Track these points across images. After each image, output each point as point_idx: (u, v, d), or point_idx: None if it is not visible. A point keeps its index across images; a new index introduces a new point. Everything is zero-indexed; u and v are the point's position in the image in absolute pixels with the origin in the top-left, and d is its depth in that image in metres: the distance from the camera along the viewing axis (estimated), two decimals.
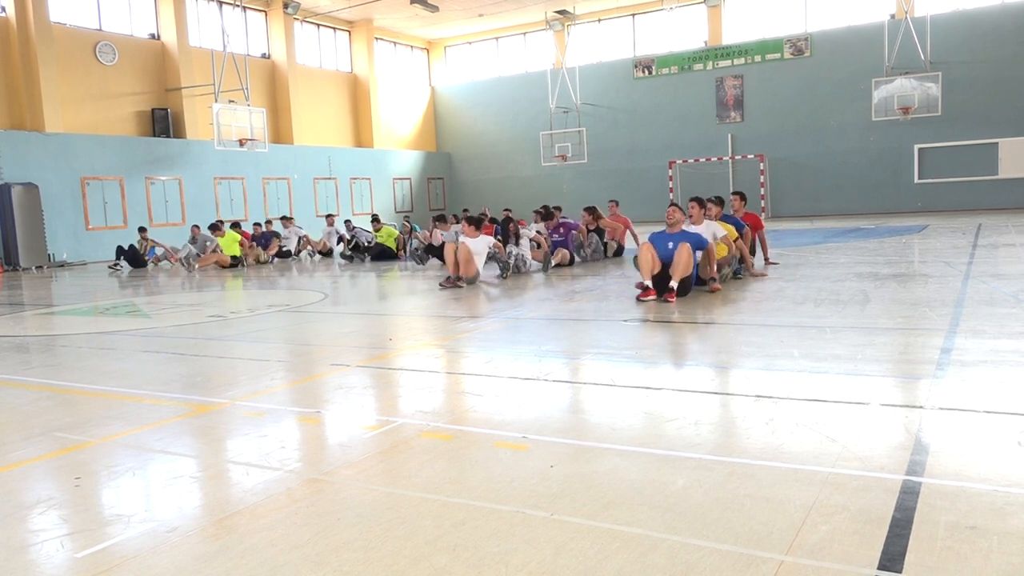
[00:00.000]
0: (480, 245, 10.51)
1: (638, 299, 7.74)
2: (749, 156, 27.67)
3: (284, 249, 17.85)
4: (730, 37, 28.12)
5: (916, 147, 25.17)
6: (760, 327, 6.10)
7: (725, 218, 9.56)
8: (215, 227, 16.85)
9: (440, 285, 10.04)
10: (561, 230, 12.63)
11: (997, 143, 24.17)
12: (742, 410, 3.79)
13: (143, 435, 3.85)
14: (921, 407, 3.67)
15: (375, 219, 17.00)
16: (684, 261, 7.64)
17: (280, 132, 26.60)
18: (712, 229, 8.67)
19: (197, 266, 15.99)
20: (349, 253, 16.36)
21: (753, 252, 10.10)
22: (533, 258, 11.80)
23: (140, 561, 2.43)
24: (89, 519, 2.81)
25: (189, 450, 3.63)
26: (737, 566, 2.20)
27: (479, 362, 5.35)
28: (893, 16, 25.15)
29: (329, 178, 27.81)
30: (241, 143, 22.09)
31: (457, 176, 33.68)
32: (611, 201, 15.28)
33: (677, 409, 3.86)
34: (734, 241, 8.99)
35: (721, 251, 8.61)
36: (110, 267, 17.57)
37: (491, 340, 6.24)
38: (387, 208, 30.06)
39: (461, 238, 10.59)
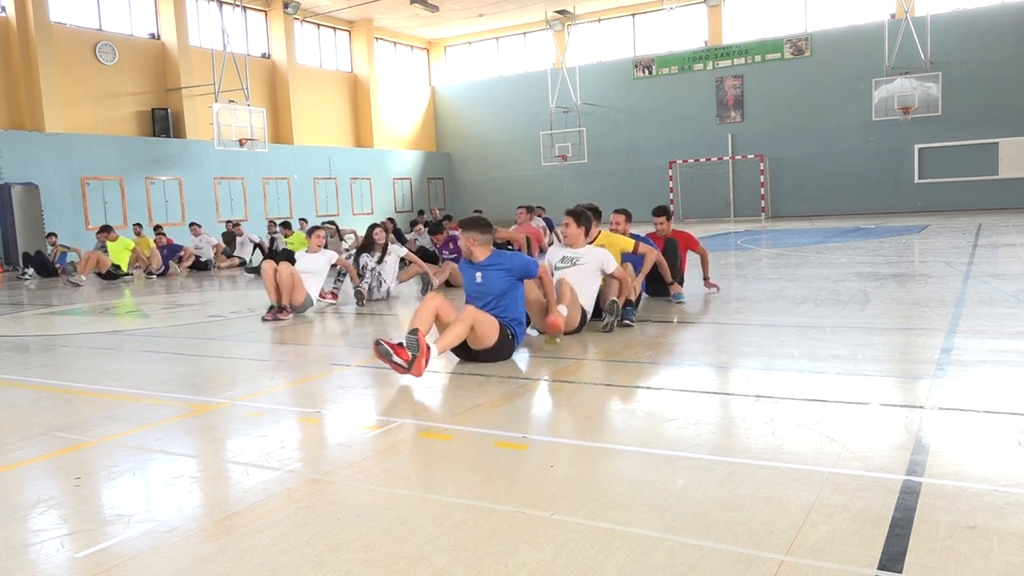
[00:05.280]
0: (318, 262, 8.48)
1: (378, 348, 4.64)
2: (749, 156, 27.66)
3: (202, 260, 15.75)
4: (730, 37, 28.11)
5: (916, 147, 25.17)
6: (760, 327, 6.10)
7: (634, 236, 7.31)
8: (106, 230, 14.89)
9: (262, 319, 7.83)
10: (451, 246, 10.61)
11: (997, 143, 24.17)
12: (742, 410, 3.79)
13: (143, 435, 3.85)
14: (921, 407, 3.67)
15: (285, 225, 15.23)
16: (486, 323, 5.06)
17: (280, 132, 26.59)
18: (599, 258, 6.26)
19: (83, 276, 13.92)
20: (250, 263, 14.35)
21: (681, 280, 7.77)
22: (400, 280, 9.67)
23: (140, 561, 2.43)
24: (89, 519, 2.81)
25: (189, 450, 3.63)
26: (737, 566, 2.20)
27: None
28: (893, 16, 25.15)
29: (329, 178, 27.80)
30: (241, 143, 22.08)
31: (457, 176, 33.67)
32: (520, 208, 12.85)
33: (677, 409, 3.86)
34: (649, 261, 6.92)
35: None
36: (19, 277, 15.54)
37: None
38: (387, 208, 30.05)
39: (298, 254, 8.77)
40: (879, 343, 5.27)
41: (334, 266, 8.86)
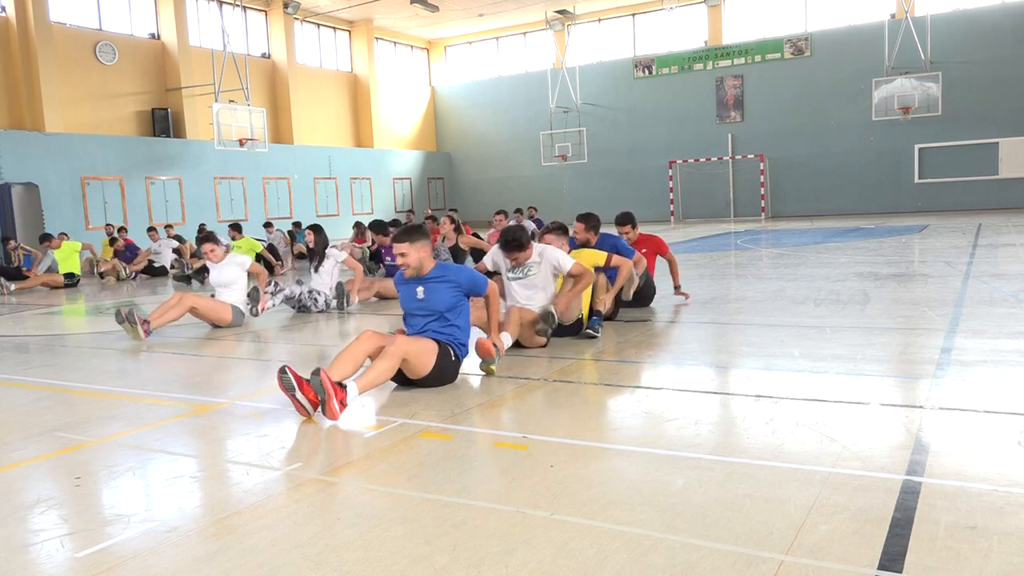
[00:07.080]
0: (229, 272, 7.58)
1: (281, 378, 4.00)
2: (749, 156, 27.66)
3: (157, 265, 14.91)
4: (730, 37, 28.11)
5: (916, 147, 25.16)
6: (760, 327, 6.10)
7: (604, 238, 6.89)
8: (46, 238, 13.78)
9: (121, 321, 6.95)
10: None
11: (997, 143, 24.16)
12: (742, 410, 3.79)
13: (143, 435, 3.85)
14: (921, 407, 3.67)
15: (235, 227, 14.22)
16: (411, 351, 4.36)
17: (280, 132, 26.59)
18: (550, 262, 5.80)
19: (13, 287, 12.80)
20: (185, 272, 13.43)
21: (653, 292, 7.27)
22: (360, 299, 8.85)
23: (140, 561, 2.43)
24: (89, 519, 2.81)
25: (189, 450, 3.63)
26: (737, 566, 2.20)
27: (478, 361, 5.34)
28: (893, 16, 25.15)
29: (329, 178, 27.80)
30: (241, 143, 22.08)
31: (457, 176, 33.67)
32: (498, 213, 12.32)
33: (677, 409, 3.86)
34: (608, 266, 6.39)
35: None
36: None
37: None
38: (387, 208, 30.06)
39: (209, 266, 7.86)
40: (879, 343, 5.26)
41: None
